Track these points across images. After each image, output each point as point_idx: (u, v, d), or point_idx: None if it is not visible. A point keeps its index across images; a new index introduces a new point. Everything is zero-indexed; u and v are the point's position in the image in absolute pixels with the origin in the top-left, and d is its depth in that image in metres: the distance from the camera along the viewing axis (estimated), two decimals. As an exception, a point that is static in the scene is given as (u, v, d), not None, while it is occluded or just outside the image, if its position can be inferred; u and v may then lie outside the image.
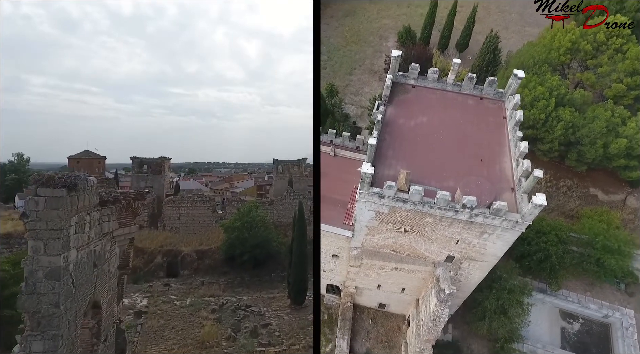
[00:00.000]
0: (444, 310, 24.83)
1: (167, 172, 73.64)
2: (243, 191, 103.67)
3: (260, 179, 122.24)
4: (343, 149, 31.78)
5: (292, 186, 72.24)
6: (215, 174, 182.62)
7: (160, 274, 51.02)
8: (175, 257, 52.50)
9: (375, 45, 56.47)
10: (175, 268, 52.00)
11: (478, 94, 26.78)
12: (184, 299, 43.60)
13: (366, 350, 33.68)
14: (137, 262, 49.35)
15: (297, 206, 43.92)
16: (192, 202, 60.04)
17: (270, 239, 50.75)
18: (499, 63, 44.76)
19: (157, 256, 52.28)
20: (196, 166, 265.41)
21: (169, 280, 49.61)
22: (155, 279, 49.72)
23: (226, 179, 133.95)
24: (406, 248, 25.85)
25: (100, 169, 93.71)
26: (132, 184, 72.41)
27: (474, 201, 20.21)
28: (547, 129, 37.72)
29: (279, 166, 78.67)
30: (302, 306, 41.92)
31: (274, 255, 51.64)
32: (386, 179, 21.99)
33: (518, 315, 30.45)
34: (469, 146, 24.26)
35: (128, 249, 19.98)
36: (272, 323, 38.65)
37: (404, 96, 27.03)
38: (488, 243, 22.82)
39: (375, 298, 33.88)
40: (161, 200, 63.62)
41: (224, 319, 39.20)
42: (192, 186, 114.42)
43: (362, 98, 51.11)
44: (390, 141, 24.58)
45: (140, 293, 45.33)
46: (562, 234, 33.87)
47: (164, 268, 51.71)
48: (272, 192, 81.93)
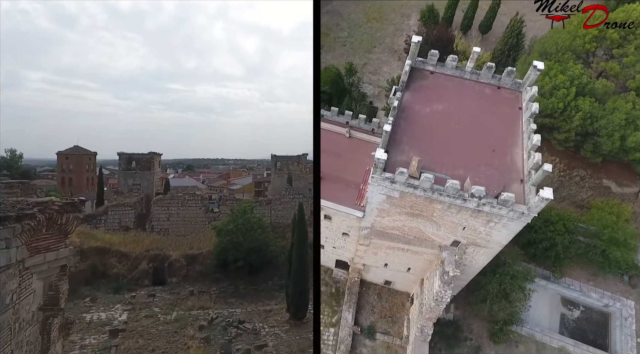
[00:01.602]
0: (446, 292, 26.01)
1: (157, 169, 70.04)
2: (241, 189, 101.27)
3: (259, 175, 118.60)
4: (359, 131, 32.37)
5: (291, 184, 68.32)
6: (213, 171, 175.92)
7: (145, 282, 46.67)
8: (163, 262, 48.27)
9: (396, 23, 55.57)
10: (162, 275, 47.90)
11: (496, 83, 26.87)
12: (170, 313, 39.61)
13: (370, 323, 35.37)
14: (119, 268, 46.79)
15: (296, 206, 40.60)
16: (182, 202, 56.13)
17: (267, 243, 46.96)
18: (521, 48, 43.97)
19: (143, 261, 47.97)
20: (195, 162, 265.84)
21: (155, 289, 45.34)
22: (139, 288, 45.40)
23: (224, 175, 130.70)
24: (414, 231, 26.85)
25: (90, 165, 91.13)
26: (119, 182, 69.10)
27: (482, 191, 20.90)
28: (565, 118, 37.43)
29: (277, 162, 73.85)
30: (302, 321, 38.32)
31: (272, 260, 47.86)
32: (399, 164, 22.73)
33: (519, 300, 31.51)
34: (483, 135, 24.68)
35: (58, 282, 14.29)
36: (268, 344, 34.59)
37: (421, 81, 27.28)
38: (494, 231, 23.65)
39: (381, 275, 35.27)
40: (150, 199, 60.22)
41: (213, 338, 34.87)
42: (187, 183, 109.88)
43: (380, 78, 50.93)
44: (405, 127, 25.11)
45: (121, 305, 40.86)
46: (569, 224, 34.34)
47: (150, 275, 47.51)
48: (270, 191, 76.87)
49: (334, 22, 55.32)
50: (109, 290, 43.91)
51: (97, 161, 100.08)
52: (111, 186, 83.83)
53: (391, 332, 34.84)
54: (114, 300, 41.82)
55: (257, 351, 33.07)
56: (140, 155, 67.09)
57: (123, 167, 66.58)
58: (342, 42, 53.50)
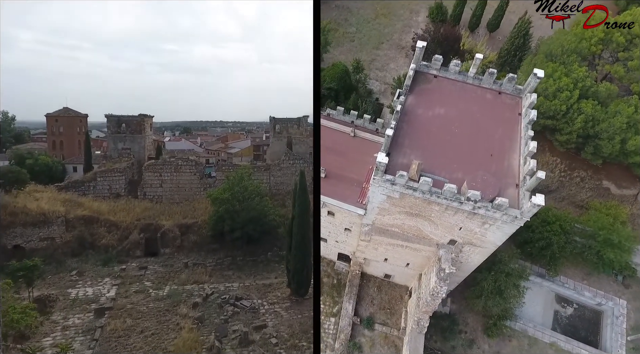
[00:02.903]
0: (442, 287, 27.26)
1: (148, 132, 66.03)
2: (239, 152, 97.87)
3: (258, 138, 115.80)
4: (363, 131, 33.35)
5: (291, 148, 64.26)
6: (211, 134, 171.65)
7: (136, 253, 44.24)
8: (155, 232, 45.56)
9: (405, 19, 55.87)
10: (155, 246, 45.40)
11: (497, 88, 27.60)
12: (162, 288, 37.36)
13: (369, 314, 36.87)
14: (109, 239, 44.24)
15: (297, 174, 37.71)
16: (176, 167, 53.05)
17: (265, 212, 44.36)
18: (528, 48, 44.34)
19: (134, 231, 45.36)
20: (192, 124, 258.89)
21: (147, 261, 43.03)
22: (130, 259, 43.05)
23: (222, 138, 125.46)
24: (413, 229, 28.03)
25: (82, 127, 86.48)
26: (108, 146, 65.51)
27: (478, 195, 21.96)
28: (567, 120, 38.15)
29: (276, 125, 68.73)
30: (304, 297, 36.80)
31: (271, 230, 45.36)
32: (400, 167, 23.80)
33: (513, 297, 32.74)
34: (482, 140, 25.59)
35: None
36: (267, 324, 32.74)
37: (425, 85, 28.11)
38: (488, 232, 24.76)
39: (381, 268, 36.63)
40: (142, 164, 57.20)
41: (208, 318, 32.59)
42: (184, 146, 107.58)
43: (387, 74, 51.55)
44: (408, 130, 26.08)
45: (110, 279, 38.62)
46: (566, 225, 35.34)
47: (141, 245, 45.04)
48: (269, 156, 72.12)
49: (343, 18, 55.75)
50: (97, 262, 41.97)
51: (94, 124, 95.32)
52: (105, 150, 79.91)
53: (389, 323, 36.34)
54: (102, 273, 39.72)
55: (255, 333, 30.36)
56: (129, 117, 63.11)
57: (112, 131, 62.70)
58: (350, 37, 54.02)
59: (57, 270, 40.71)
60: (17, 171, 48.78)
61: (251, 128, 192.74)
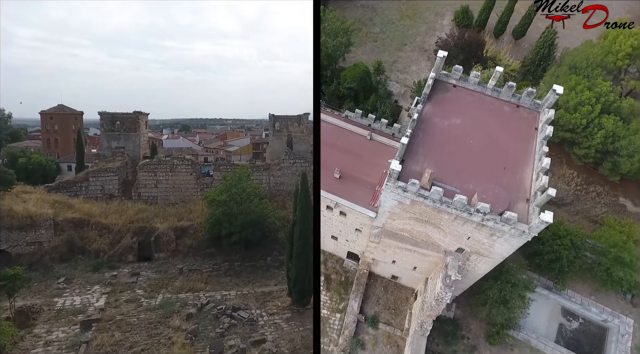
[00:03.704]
0: (447, 293, 27.84)
1: (143, 130, 64.06)
2: (238, 150, 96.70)
3: (257, 136, 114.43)
4: (380, 134, 33.88)
5: (291, 147, 61.70)
6: (210, 131, 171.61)
7: (129, 258, 42.32)
8: (149, 236, 43.51)
9: (429, 22, 55.68)
10: (148, 250, 43.59)
11: (515, 101, 27.76)
12: (154, 297, 35.34)
13: (374, 313, 37.70)
14: (100, 243, 42.19)
15: (298, 175, 36.43)
16: (171, 167, 50.73)
17: (265, 214, 42.40)
18: (552, 59, 43.89)
19: (126, 235, 43.28)
20: (192, 122, 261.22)
21: (139, 266, 41.05)
22: (122, 265, 41.26)
23: (220, 136, 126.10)
24: (422, 235, 28.62)
25: (77, 125, 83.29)
26: (101, 145, 62.81)
27: (487, 208, 22.40)
28: (587, 135, 37.88)
29: (275, 122, 66.31)
30: (306, 307, 35.39)
31: (271, 233, 43.37)
32: (412, 174, 24.38)
33: (518, 307, 33.04)
34: (496, 153, 25.91)
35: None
36: (266, 338, 30.59)
37: (443, 94, 28.46)
38: (496, 244, 25.20)
39: (389, 270, 37.33)
40: (137, 163, 55.23)
41: (202, 331, 30.41)
42: (182, 144, 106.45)
43: (407, 76, 51.69)
44: (423, 138, 26.56)
45: (100, 287, 36.49)
46: (577, 240, 35.30)
47: (134, 250, 43.13)
48: (268, 155, 69.04)
49: (368, 17, 55.88)
50: (87, 268, 40.00)
51: (92, 121, 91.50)
52: (99, 148, 77.70)
53: (393, 323, 37.11)
54: (92, 280, 37.64)
55: (253, 348, 27.99)
56: (124, 115, 61.01)
57: (106, 129, 60.47)
58: (374, 37, 54.20)
59: (44, 277, 38.69)
60: (4, 171, 46.47)
61: (250, 126, 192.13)
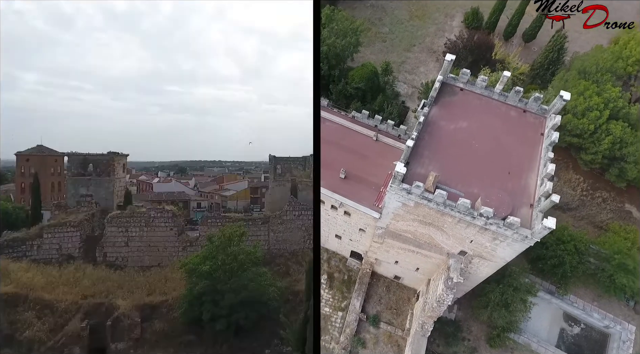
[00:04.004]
0: (448, 295, 28.08)
1: (120, 174, 54.73)
2: (234, 195, 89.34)
3: (256, 179, 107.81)
4: (386, 136, 34.09)
5: (296, 195, 50.88)
6: (207, 174, 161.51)
7: (74, 352, 31.50)
8: (106, 318, 33.19)
9: (439, 23, 55.59)
10: (102, 339, 32.75)
11: (522, 106, 27.81)
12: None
13: (376, 312, 38.05)
14: (36, 330, 31.66)
15: (308, 241, 31.65)
16: (147, 220, 41.25)
17: (262, 290, 33.16)
18: (561, 63, 43.72)
19: (75, 316, 33.00)
20: (191, 164, 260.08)
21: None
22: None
23: (217, 179, 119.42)
24: (425, 237, 28.85)
25: (57, 168, 74.77)
26: (66, 192, 52.94)
27: (490, 212, 22.58)
28: (594, 140, 37.79)
29: (277, 165, 57.48)
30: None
31: (270, 314, 34.15)
32: (417, 177, 24.58)
33: (519, 311, 33.22)
34: (501, 157, 26.03)
35: None
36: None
37: (450, 98, 28.58)
38: (498, 248, 25.38)
39: (392, 270, 37.62)
40: (109, 213, 46.15)
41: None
42: (173, 188, 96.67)
43: (415, 77, 51.71)
44: (429, 141, 26.75)
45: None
46: (581, 245, 35.31)
47: (83, 339, 32.25)
48: (268, 204, 59.44)
49: (377, 17, 55.91)
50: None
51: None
52: (62, 197, 65.79)
53: (394, 323, 37.45)
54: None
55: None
56: (98, 156, 52.93)
57: (74, 173, 51.80)
58: (383, 38, 54.24)
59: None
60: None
61: (249, 168, 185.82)
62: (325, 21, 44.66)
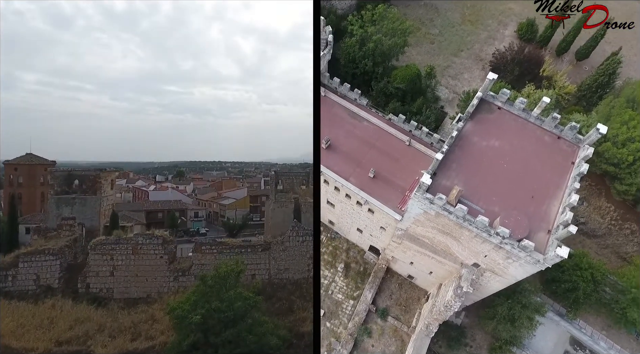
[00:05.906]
0: (456, 302, 29.51)
1: (108, 192, 49.94)
2: (233, 204, 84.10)
3: (256, 184, 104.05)
4: (419, 142, 35.08)
5: (299, 217, 45.46)
6: (206, 177, 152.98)
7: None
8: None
9: (491, 30, 54.79)
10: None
11: (557, 133, 28.15)
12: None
13: (386, 306, 39.92)
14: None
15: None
16: (135, 247, 37.09)
17: (263, 342, 27.91)
18: (611, 88, 42.68)
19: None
20: (191, 164, 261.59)
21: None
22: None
23: (216, 184, 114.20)
24: (442, 245, 30.17)
25: (47, 177, 63.44)
26: (48, 213, 47.53)
27: (507, 233, 23.64)
28: (631, 172, 37.34)
29: (278, 181, 50.36)
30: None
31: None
32: (441, 189, 25.82)
33: (525, 327, 34.14)
34: (527, 180, 26.74)
35: None
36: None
37: (487, 115, 29.26)
38: (511, 267, 26.43)
39: (406, 269, 39.20)
40: (95, 236, 41.53)
41: None
42: (170, 196, 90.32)
43: (458, 83, 51.68)
44: (459, 155, 27.74)
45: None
46: (598, 275, 35.52)
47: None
48: (269, 228, 50.84)
49: (428, 17, 55.69)
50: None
51: (85, 166, 72.64)
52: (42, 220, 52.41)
53: (402, 319, 39.24)
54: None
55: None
56: (84, 172, 48.23)
57: (57, 190, 46.51)
58: (431, 39, 54.15)
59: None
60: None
61: (249, 170, 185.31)
62: (377, 18, 45.23)
